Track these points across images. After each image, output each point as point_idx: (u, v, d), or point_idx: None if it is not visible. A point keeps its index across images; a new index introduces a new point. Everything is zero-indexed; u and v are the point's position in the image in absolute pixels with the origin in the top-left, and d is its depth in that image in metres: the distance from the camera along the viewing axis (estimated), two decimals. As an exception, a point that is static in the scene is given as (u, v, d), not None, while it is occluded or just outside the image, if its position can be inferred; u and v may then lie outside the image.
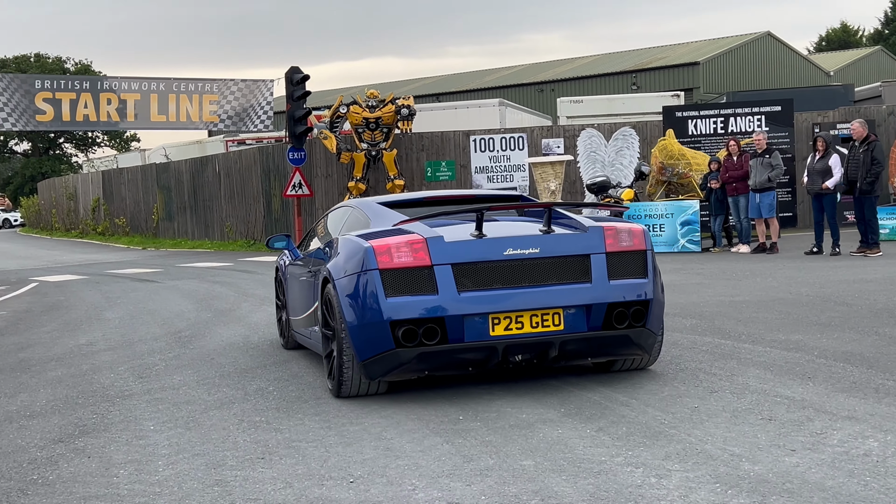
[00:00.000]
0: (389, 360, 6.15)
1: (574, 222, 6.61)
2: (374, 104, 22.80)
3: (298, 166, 23.63)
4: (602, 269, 6.31)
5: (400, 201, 7.64)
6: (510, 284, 6.18)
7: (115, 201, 37.23)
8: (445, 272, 6.09)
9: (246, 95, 23.31)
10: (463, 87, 52.47)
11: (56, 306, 13.73)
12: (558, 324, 6.18)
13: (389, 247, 6.15)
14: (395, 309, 6.03)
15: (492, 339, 6.11)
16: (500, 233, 6.41)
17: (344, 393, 6.51)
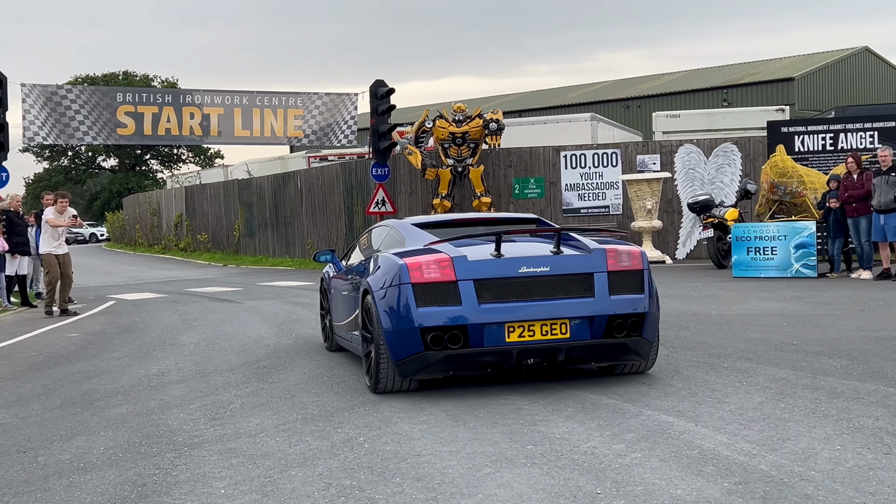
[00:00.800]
0: (419, 362, 7.09)
1: (580, 244, 7.55)
2: (460, 118, 21.79)
3: (382, 182, 22.74)
4: (604, 285, 7.20)
5: (430, 222, 8.73)
6: (524, 298, 7.09)
7: (198, 217, 36.95)
8: (468, 287, 7.03)
9: (330, 109, 22.51)
10: (546, 103, 51.27)
11: (130, 328, 12.95)
12: (565, 332, 7.08)
13: (420, 264, 7.09)
14: (425, 317, 6.97)
15: (507, 345, 7.02)
16: (515, 253, 7.32)
17: (380, 389, 7.42)
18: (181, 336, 11.84)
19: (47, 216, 15.97)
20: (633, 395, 7.02)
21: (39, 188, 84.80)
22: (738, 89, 45.00)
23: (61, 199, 16.31)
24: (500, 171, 22.94)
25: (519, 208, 22.82)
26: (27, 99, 19.09)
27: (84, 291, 20.89)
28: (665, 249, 21.98)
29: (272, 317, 13.48)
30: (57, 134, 19.58)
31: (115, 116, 20.24)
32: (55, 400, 7.91)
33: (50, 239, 15.82)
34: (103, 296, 19.17)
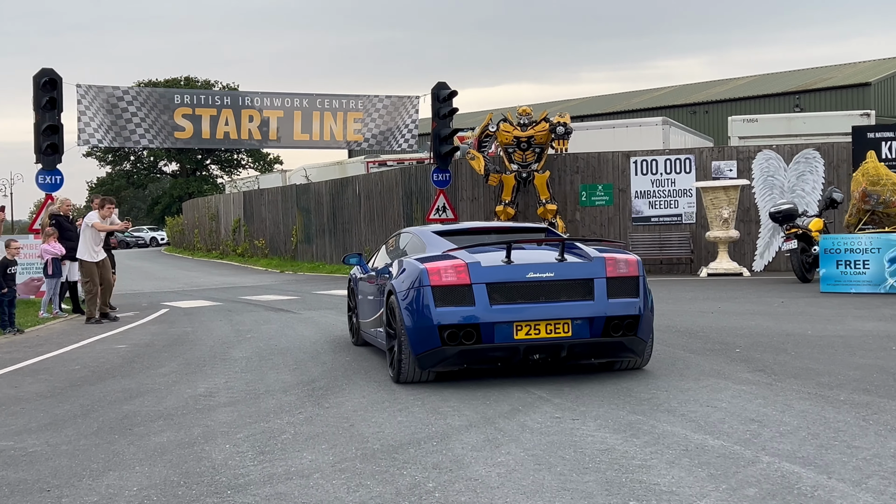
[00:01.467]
0: (437, 355, 7.95)
1: (583, 252, 8.36)
2: (526, 122, 20.90)
3: (443, 188, 21.95)
4: (603, 290, 7.96)
5: (449, 230, 9.57)
6: (530, 300, 7.89)
7: (255, 222, 36.52)
8: (481, 289, 7.84)
9: (391, 113, 21.76)
10: (609, 109, 50.08)
11: (180, 340, 12.27)
12: (567, 331, 7.86)
13: (439, 269, 7.95)
14: (442, 316, 7.81)
15: (515, 342, 7.82)
16: (523, 260, 8.11)
17: (402, 379, 8.26)
18: (233, 350, 11.11)
19: (92, 220, 15.42)
20: (741, 434, 6.07)
21: (101, 192, 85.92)
22: (811, 95, 43.38)
23: (109, 204, 15.77)
24: (567, 178, 21.97)
25: (586, 216, 21.85)
26: (83, 100, 18.64)
27: (138, 298, 20.39)
28: (742, 261, 20.82)
29: (329, 330, 12.71)
30: (113, 136, 19.10)
31: (173, 119, 19.71)
32: (91, 424, 7.19)
33: (91, 244, 15.27)
34: (157, 303, 18.62)
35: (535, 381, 8.25)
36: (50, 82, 17.95)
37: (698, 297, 15.50)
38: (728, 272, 19.88)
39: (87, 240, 15.35)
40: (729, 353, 9.49)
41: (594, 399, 7.36)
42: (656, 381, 8.09)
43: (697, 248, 20.94)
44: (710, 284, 18.18)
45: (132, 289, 23.82)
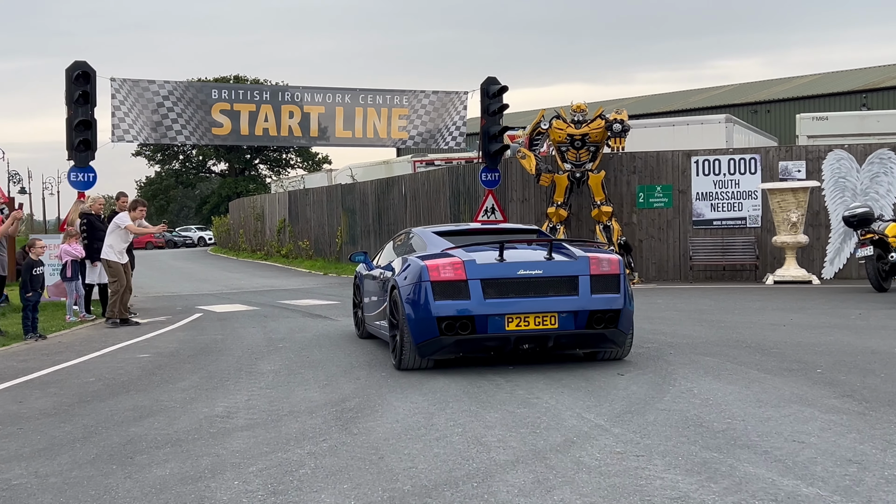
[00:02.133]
0: (435, 344, 8.83)
1: (569, 252, 9.24)
2: (580, 119, 19.94)
3: (492, 189, 21.09)
4: (587, 286, 8.85)
5: (448, 231, 10.46)
6: (521, 295, 8.77)
7: (300, 223, 36.00)
8: (476, 285, 8.72)
9: (437, 109, 20.93)
10: (666, 108, 48.80)
11: (207, 349, 11.56)
12: (554, 324, 8.74)
13: (438, 266, 8.83)
14: (440, 308, 8.71)
15: (506, 332, 8.71)
16: (515, 258, 8.97)
17: (403, 366, 9.15)
18: (261, 362, 10.36)
19: (124, 222, 14.85)
20: (839, 479, 5.13)
21: (150, 191, 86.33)
22: (879, 94, 41.74)
23: (141, 206, 15.21)
24: (623, 178, 20.97)
25: (643, 219, 20.83)
26: (117, 94, 18.08)
27: (174, 301, 19.82)
28: (811, 268, 19.65)
29: (366, 340, 11.90)
30: (148, 132, 18.52)
31: (210, 115, 19.07)
32: (90, 450, 6.45)
33: (120, 244, 14.68)
34: (192, 307, 18.00)
35: (591, 405, 7.36)
36: (83, 75, 17.43)
37: (766, 308, 14.46)
38: (796, 280, 18.74)
39: (116, 240, 14.78)
40: (809, 374, 8.51)
41: (660, 429, 6.46)
42: (730, 407, 7.16)
43: (763, 254, 19.82)
44: (777, 293, 17.09)
45: (170, 291, 23.31)
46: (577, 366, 9.32)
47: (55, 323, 14.91)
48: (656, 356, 9.80)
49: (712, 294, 17.26)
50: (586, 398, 7.68)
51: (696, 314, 13.90)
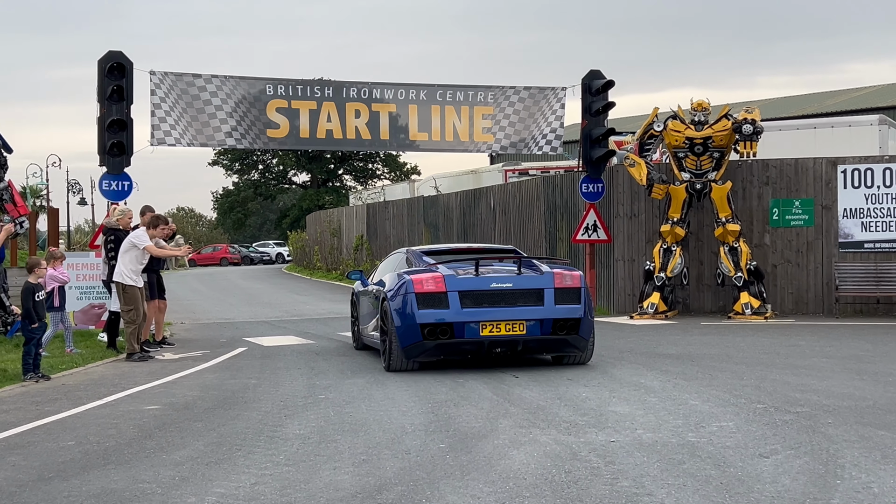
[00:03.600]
0: (419, 348, 11.19)
1: (537, 267, 11.68)
2: (702, 119, 17.92)
3: (594, 202, 19.22)
4: (551, 298, 11.25)
5: (434, 251, 13.19)
6: (493, 305, 11.14)
7: (379, 239, 34.62)
8: (455, 296, 11.07)
9: (529, 108, 19.15)
10: (798, 111, 46.00)
11: (231, 400, 9.97)
12: (522, 330, 11.13)
13: (422, 279, 11.21)
14: (423, 317, 11.04)
15: (481, 337, 11.08)
16: (489, 273, 11.43)
17: (392, 368, 11.47)
18: (290, 421, 8.71)
19: (143, 241, 13.51)
20: None
21: (228, 203, 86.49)
22: None
23: (164, 225, 13.94)
24: (754, 190, 18.83)
25: (778, 239, 18.65)
26: (157, 90, 16.81)
27: (222, 330, 18.47)
28: None
29: (430, 393, 10.15)
30: (193, 135, 17.19)
31: (265, 114, 17.65)
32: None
33: (136, 265, 13.37)
34: (239, 338, 16.58)
35: (730, 516, 5.47)
36: (117, 68, 16.22)
37: (943, 356, 12.25)
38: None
39: (131, 261, 13.45)
40: None
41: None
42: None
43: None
44: (950, 334, 14.78)
45: (224, 317, 22.05)
46: (704, 448, 7.41)
47: (73, 357, 13.60)
48: (810, 428, 7.84)
49: (867, 334, 15.05)
50: (719, 496, 5.82)
51: (851, 363, 11.81)
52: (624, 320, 17.82)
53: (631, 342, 14.36)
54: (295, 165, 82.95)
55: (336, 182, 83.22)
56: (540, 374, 11.25)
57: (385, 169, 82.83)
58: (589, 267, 19.48)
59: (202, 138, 17.33)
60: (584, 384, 10.37)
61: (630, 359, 12.40)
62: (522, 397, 9.65)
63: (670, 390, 9.86)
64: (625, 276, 19.37)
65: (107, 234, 14.57)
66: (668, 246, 18.19)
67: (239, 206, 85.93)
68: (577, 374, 11.07)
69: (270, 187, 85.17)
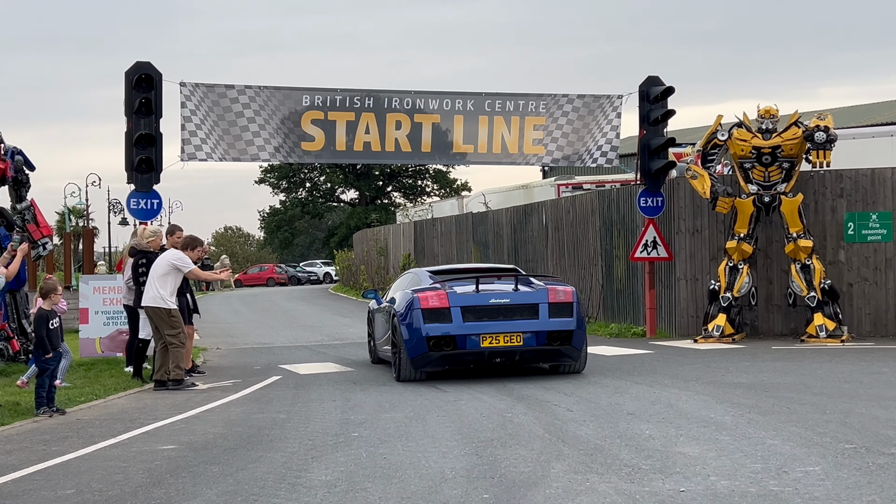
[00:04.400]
0: (425, 359, 12.52)
1: (532, 284, 13.07)
2: (770, 127, 16.96)
3: (653, 218, 18.31)
4: (546, 312, 12.53)
5: (440, 270, 14.74)
6: (493, 318, 12.46)
7: (426, 258, 33.91)
8: (457, 311, 12.37)
9: (584, 118, 18.29)
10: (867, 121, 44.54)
11: (256, 438, 9.23)
12: (519, 342, 12.42)
13: (427, 296, 12.55)
14: (429, 330, 12.33)
15: (482, 348, 12.39)
16: (488, 289, 12.75)
17: (401, 378, 12.79)
18: (317, 465, 7.94)
19: (187, 265, 13.04)
20: None
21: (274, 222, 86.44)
22: None
23: (200, 246, 13.52)
24: (827, 203, 17.79)
25: (853, 256, 17.60)
26: (188, 102, 16.21)
27: (259, 356, 17.83)
28: None
29: (475, 430, 9.33)
30: (225, 149, 16.55)
31: (300, 126, 16.98)
32: None
33: (174, 288, 12.81)
34: (275, 365, 15.90)
35: None
36: (145, 79, 15.67)
37: None
38: None
39: (170, 284, 12.89)
40: None
41: None
42: None
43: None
44: None
45: (262, 341, 21.44)
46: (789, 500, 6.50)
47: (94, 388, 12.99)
48: (914, 477, 6.90)
49: None
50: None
51: (946, 393, 10.79)
52: (687, 344, 16.86)
53: (696, 369, 13.42)
54: (342, 183, 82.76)
55: (384, 199, 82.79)
56: (597, 406, 10.39)
57: (435, 185, 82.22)
58: (648, 287, 18.54)
59: (234, 152, 16.70)
60: (647, 419, 9.49)
61: (696, 388, 11.49)
62: (578, 436, 8.80)
63: (744, 427, 8.96)
64: (687, 297, 18.39)
65: (136, 256, 13.93)
66: (734, 264, 17.21)
67: (286, 225, 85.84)
68: (639, 408, 10.19)
69: (318, 205, 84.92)
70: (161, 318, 13.02)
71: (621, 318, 20.22)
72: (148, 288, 13.03)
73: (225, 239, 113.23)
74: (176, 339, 13.04)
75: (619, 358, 15.11)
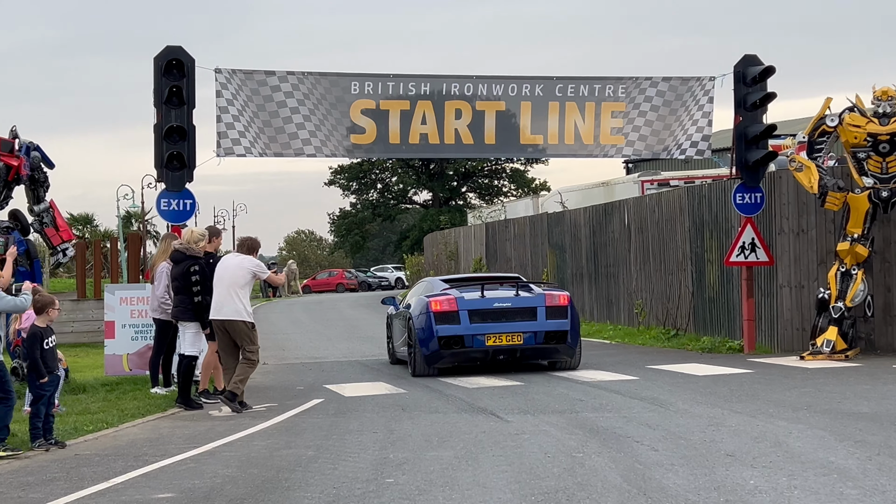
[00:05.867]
0: (437, 356, 14.63)
1: (531, 290, 15.20)
2: (888, 110, 15.23)
3: (751, 216, 16.70)
4: (543, 314, 14.63)
5: (450, 279, 17.01)
6: (496, 320, 14.56)
7: (500, 262, 32.53)
8: (465, 313, 14.48)
9: (670, 104, 16.72)
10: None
11: (268, 487, 7.92)
12: (520, 341, 14.50)
13: (438, 301, 14.69)
14: (440, 330, 14.48)
15: (487, 347, 14.51)
16: (492, 294, 14.83)
17: (416, 374, 14.82)
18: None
19: (264, 271, 12.55)
20: None
21: (345, 225, 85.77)
22: None
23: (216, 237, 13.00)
24: (955, 198, 15.95)
25: None
26: (224, 91, 15.04)
27: (305, 373, 16.67)
28: None
29: (536, 475, 7.91)
30: (266, 142, 15.35)
31: (348, 117, 15.70)
32: None
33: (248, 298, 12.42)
34: (320, 385, 14.66)
35: None
36: (176, 65, 14.57)
37: None
38: None
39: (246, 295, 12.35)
40: None
41: None
42: None
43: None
44: None
45: (314, 355, 20.31)
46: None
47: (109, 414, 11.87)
48: None
49: None
50: None
51: None
52: (792, 362, 15.18)
53: (806, 394, 11.80)
54: (415, 184, 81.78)
55: (459, 200, 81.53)
56: (688, 444, 8.90)
57: (512, 186, 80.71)
58: (746, 295, 16.89)
59: (276, 147, 15.51)
60: (751, 463, 7.98)
61: (809, 420, 9.92)
62: (664, 486, 7.33)
63: (874, 475, 7.42)
64: (791, 307, 16.68)
65: (183, 261, 12.69)
66: (846, 269, 15.50)
67: (356, 228, 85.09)
68: (740, 446, 8.67)
69: (390, 207, 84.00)
70: (244, 332, 12.20)
71: (714, 331, 18.58)
72: (225, 299, 12.11)
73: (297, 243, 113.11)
74: (255, 356, 12.42)
75: (713, 379, 13.55)
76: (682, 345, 18.47)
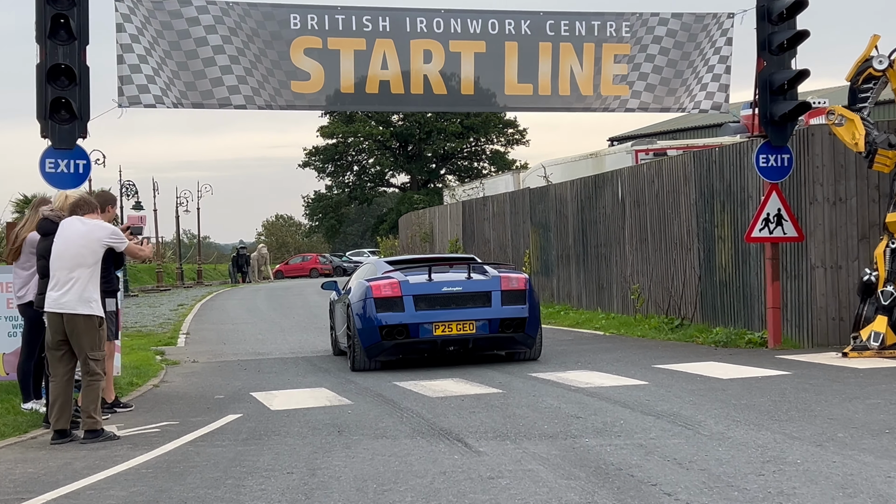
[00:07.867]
0: (378, 347, 12.93)
1: (485, 271, 13.56)
2: (952, 50, 12.21)
3: (777, 182, 13.73)
4: (498, 299, 13.04)
5: (396, 261, 15.20)
6: (445, 307, 12.97)
7: (476, 243, 29.56)
8: (409, 299, 12.85)
9: (682, 45, 13.64)
10: None
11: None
12: (472, 330, 12.88)
13: (380, 285, 13.05)
14: (382, 319, 12.78)
15: (434, 337, 12.83)
16: (441, 278, 13.30)
17: (355, 368, 13.15)
18: None
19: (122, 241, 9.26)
20: None
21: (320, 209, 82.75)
22: None
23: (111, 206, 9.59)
24: None
25: None
26: (126, 24, 11.89)
27: (234, 375, 13.67)
28: None
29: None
30: (181, 90, 12.20)
31: (288, 59, 12.54)
32: None
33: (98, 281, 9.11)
34: (246, 392, 11.63)
35: None
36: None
37: None
38: None
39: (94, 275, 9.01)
40: None
41: None
42: None
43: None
44: None
45: (258, 350, 17.27)
46: None
47: None
48: None
49: None
50: None
51: None
52: (831, 359, 12.19)
53: (877, 408, 8.80)
54: (392, 166, 79.29)
55: (438, 183, 78.89)
56: (739, 492, 5.89)
57: (493, 168, 77.94)
58: (771, 278, 13.88)
59: (195, 95, 12.33)
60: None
61: (859, 444, 6.95)
62: None
63: None
64: (826, 292, 13.67)
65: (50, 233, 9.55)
66: (894, 241, 12.57)
67: (332, 212, 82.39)
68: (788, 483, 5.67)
69: (367, 190, 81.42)
70: (87, 333, 8.86)
71: (728, 321, 15.60)
72: (64, 285, 8.82)
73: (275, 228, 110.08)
74: (98, 367, 8.95)
75: (743, 384, 10.55)
76: (690, 337, 15.49)
